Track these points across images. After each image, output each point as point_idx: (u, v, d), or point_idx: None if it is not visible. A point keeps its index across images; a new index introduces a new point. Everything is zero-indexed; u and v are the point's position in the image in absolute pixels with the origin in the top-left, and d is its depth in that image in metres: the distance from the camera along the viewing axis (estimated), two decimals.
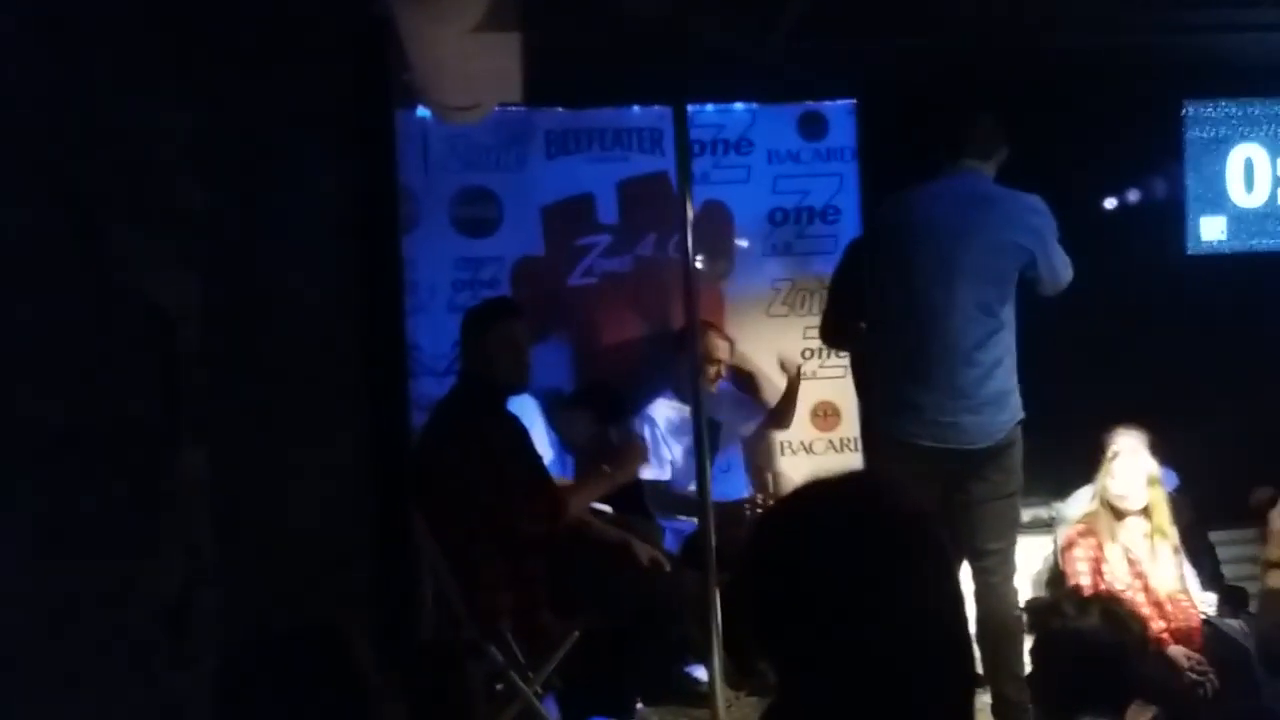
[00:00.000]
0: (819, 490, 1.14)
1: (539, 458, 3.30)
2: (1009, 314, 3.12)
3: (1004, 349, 3.12)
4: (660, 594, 3.31)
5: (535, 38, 3.00)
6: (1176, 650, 3.42)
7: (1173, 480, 4.04)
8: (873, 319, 3.32)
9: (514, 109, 4.01)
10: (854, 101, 4.39)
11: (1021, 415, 3.16)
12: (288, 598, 2.28)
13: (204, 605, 1.69)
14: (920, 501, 1.16)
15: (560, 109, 4.29)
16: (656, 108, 4.27)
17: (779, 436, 4.40)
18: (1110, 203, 4.62)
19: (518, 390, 3.34)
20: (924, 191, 3.22)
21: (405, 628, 3.05)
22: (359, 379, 2.96)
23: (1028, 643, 2.93)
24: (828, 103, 4.43)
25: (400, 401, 3.15)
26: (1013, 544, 3.23)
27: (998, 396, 3.10)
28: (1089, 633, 2.41)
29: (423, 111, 3.94)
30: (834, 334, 3.72)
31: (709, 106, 4.31)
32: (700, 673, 3.63)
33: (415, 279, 3.88)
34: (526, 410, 3.67)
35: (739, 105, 4.41)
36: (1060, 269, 3.18)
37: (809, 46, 4.03)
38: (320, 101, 2.65)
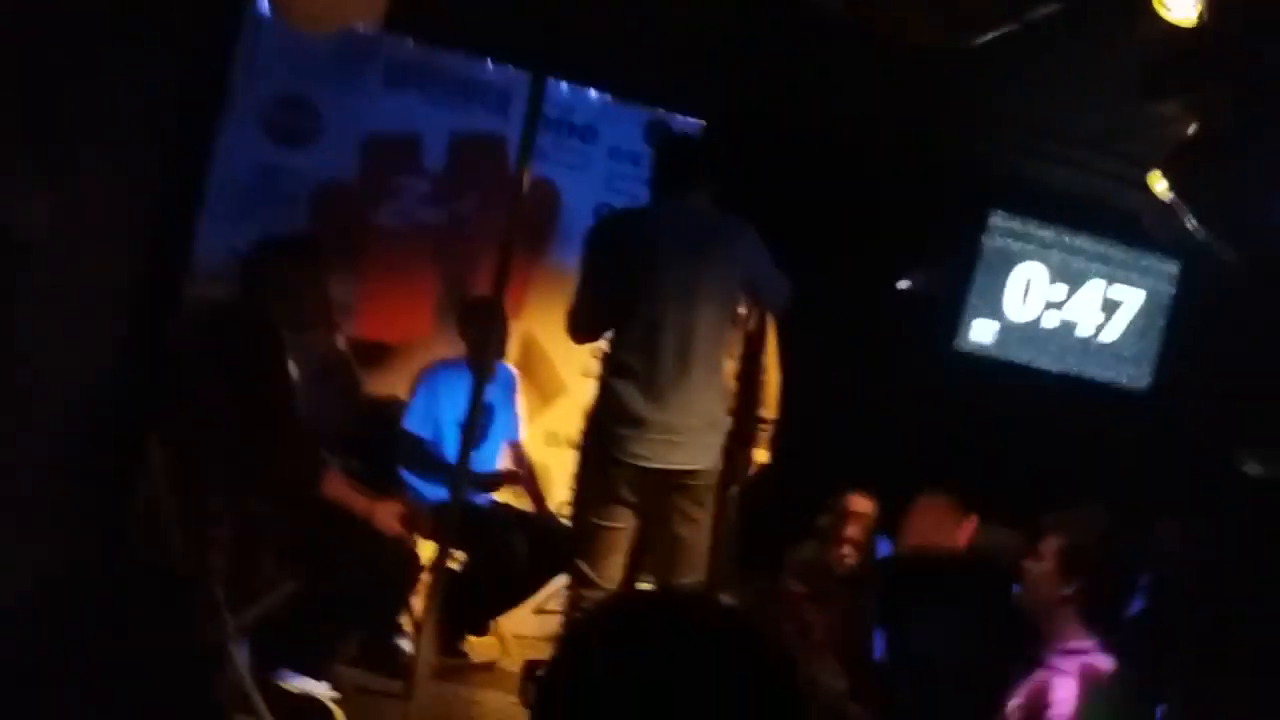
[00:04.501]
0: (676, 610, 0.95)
1: (300, 419, 3.12)
2: (728, 339, 3.25)
3: (723, 373, 3.26)
4: (392, 564, 3.22)
5: None
6: (856, 711, 3.67)
7: (886, 548, 4.34)
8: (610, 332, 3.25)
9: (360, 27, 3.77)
10: (703, 124, 4.41)
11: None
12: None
13: None
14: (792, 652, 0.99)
15: (410, 41, 4.06)
16: (511, 69, 4.14)
17: (545, 427, 4.39)
18: (901, 285, 4.89)
19: (296, 332, 3.16)
20: (657, 211, 3.31)
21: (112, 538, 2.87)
22: (131, 269, 2.79)
23: None
24: (679, 116, 4.43)
25: (169, 301, 2.96)
26: (699, 585, 3.26)
27: (718, 421, 3.22)
28: None
29: (262, 6, 3.64)
30: (590, 324, 3.31)
31: (564, 84, 4.21)
32: (407, 645, 3.59)
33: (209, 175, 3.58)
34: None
35: (593, 92, 4.34)
36: (783, 289, 3.33)
37: (675, 56, 4.05)
38: None
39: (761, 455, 3.90)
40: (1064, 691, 2.49)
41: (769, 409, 3.90)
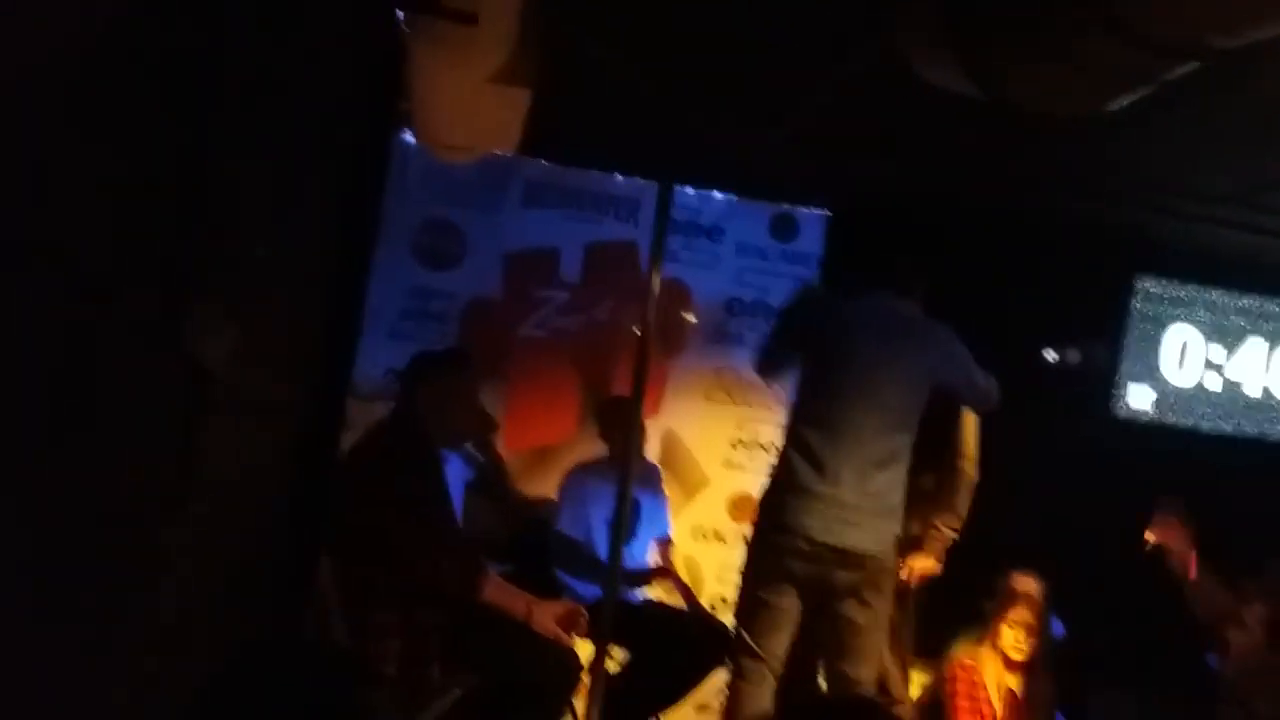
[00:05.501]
0: None
1: (458, 528, 3.25)
2: (911, 432, 3.24)
3: (905, 467, 3.25)
4: (553, 665, 3.26)
5: (542, 97, 3.01)
6: None
7: (1059, 630, 4.14)
8: (795, 405, 3.36)
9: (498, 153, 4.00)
10: (828, 213, 4.49)
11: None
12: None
13: None
14: None
15: (544, 161, 4.29)
16: (638, 180, 4.31)
17: (691, 520, 4.41)
18: (1049, 356, 4.76)
19: (453, 445, 3.32)
20: (861, 303, 3.36)
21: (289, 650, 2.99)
22: (296, 387, 2.92)
23: None
24: (803, 209, 4.52)
25: (333, 422, 3.11)
26: (874, 675, 3.25)
27: (895, 509, 3.20)
28: None
29: (407, 136, 3.90)
30: (769, 373, 3.62)
31: (689, 189, 4.36)
32: None
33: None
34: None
35: (718, 193, 4.47)
36: (987, 390, 3.39)
37: (798, 153, 4.12)
38: (322, 115, 2.63)
39: (927, 562, 3.66)
40: None
41: (954, 517, 3.65)
